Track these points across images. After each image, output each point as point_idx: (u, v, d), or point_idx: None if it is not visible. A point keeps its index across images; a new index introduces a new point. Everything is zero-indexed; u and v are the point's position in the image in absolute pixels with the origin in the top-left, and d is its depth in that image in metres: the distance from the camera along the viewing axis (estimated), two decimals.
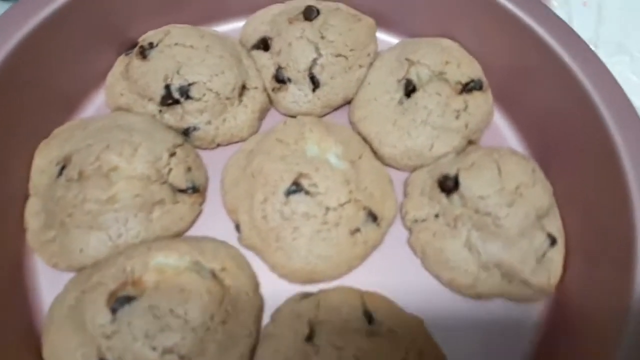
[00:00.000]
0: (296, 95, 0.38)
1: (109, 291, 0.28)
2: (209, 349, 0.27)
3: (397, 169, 0.37)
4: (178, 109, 0.36)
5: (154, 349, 0.26)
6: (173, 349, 0.27)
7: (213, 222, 0.34)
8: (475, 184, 0.32)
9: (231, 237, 0.33)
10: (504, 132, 0.39)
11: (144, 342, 0.26)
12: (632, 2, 0.50)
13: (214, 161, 0.36)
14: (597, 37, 0.47)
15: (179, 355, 0.27)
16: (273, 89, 0.38)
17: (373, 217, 0.33)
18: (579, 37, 0.36)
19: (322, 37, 0.38)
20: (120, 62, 0.38)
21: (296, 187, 0.32)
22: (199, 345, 0.27)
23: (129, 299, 0.28)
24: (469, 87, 0.37)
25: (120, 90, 0.37)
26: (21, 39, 0.33)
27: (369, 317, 0.30)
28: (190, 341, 0.27)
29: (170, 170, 0.33)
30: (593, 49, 0.45)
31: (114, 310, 0.27)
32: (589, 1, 0.49)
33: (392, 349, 0.27)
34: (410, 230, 0.34)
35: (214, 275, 0.30)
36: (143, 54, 0.37)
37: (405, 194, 0.35)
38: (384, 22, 0.42)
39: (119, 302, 0.28)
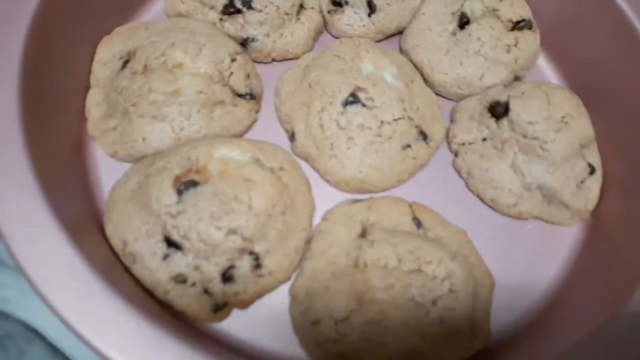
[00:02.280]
0: (352, 18, 0.39)
1: (174, 175, 0.29)
2: (269, 235, 0.29)
3: (445, 97, 0.38)
4: (239, 18, 0.36)
5: (219, 228, 0.28)
6: (237, 230, 0.28)
7: (266, 131, 0.35)
8: (525, 110, 0.33)
9: (284, 147, 0.34)
10: (547, 74, 0.40)
11: (209, 222, 0.28)
12: None
13: (267, 76, 0.37)
14: None
15: (242, 236, 0.28)
16: (329, 11, 0.39)
17: (424, 135, 0.34)
18: None
19: None
20: None
21: (353, 99, 0.33)
22: (261, 230, 0.28)
23: (194, 183, 0.29)
24: (520, 26, 0.38)
25: None
26: None
27: (417, 223, 0.31)
28: (254, 225, 0.28)
29: (231, 74, 0.34)
30: None
31: (179, 192, 0.28)
32: None
33: (442, 250, 0.29)
34: (456, 153, 0.35)
35: (273, 172, 0.31)
36: None
37: (453, 120, 0.37)
38: None
39: (184, 185, 0.29)
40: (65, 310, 0.22)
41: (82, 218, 0.29)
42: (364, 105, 0.33)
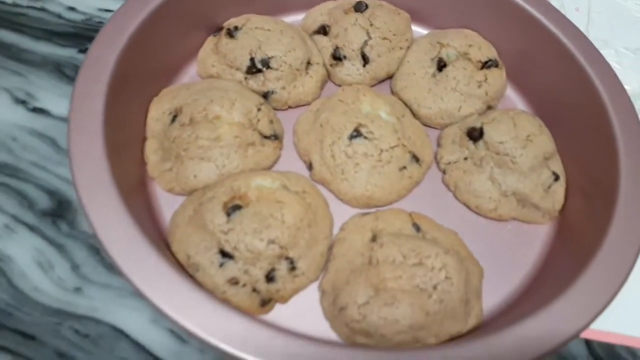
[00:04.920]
0: (350, 69, 0.48)
1: (223, 202, 0.37)
2: (300, 243, 0.36)
3: (431, 127, 0.46)
4: (260, 76, 0.45)
5: (261, 240, 0.35)
6: (275, 240, 0.35)
7: (289, 164, 0.43)
8: (496, 133, 0.42)
9: (304, 174, 0.42)
10: (515, 101, 0.49)
11: (253, 235, 0.35)
12: (615, 7, 0.60)
13: (286, 120, 0.45)
14: (588, 35, 0.57)
15: (279, 245, 0.35)
16: (331, 65, 0.48)
17: (416, 158, 0.42)
18: (575, 26, 0.45)
19: (371, 24, 0.48)
20: (210, 41, 0.48)
21: (357, 133, 0.41)
22: (293, 239, 0.36)
23: (238, 207, 0.37)
24: (488, 65, 0.47)
25: (212, 63, 0.46)
26: (138, 25, 0.42)
27: (417, 228, 0.39)
28: (287, 236, 0.36)
29: (258, 120, 0.42)
30: None
31: (228, 214, 0.36)
32: (580, 7, 0.60)
33: (438, 247, 0.36)
34: (444, 171, 0.43)
35: (297, 195, 0.39)
36: (230, 34, 0.46)
37: (439, 145, 0.45)
38: (417, 17, 0.52)
39: (231, 208, 0.36)
40: (160, 302, 0.30)
41: (154, 239, 0.36)
42: (365, 137, 0.41)
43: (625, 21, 0.60)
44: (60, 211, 0.41)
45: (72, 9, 0.54)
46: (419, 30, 0.53)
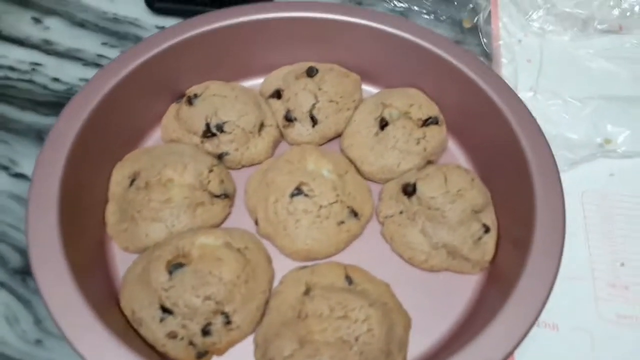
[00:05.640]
0: (301, 130, 0.51)
1: (167, 260, 0.40)
2: (235, 298, 0.39)
3: (375, 182, 0.49)
4: (215, 140, 0.49)
5: (198, 296, 0.38)
6: (211, 296, 0.38)
7: (238, 220, 0.47)
8: (428, 188, 0.44)
9: (251, 230, 0.46)
10: (456, 155, 0.52)
11: (191, 292, 0.38)
12: (567, 57, 0.63)
13: (240, 178, 0.49)
14: (538, 86, 0.59)
15: (215, 301, 0.38)
16: (283, 126, 0.52)
17: (355, 213, 0.45)
18: (503, 81, 0.48)
19: (320, 89, 0.52)
20: (172, 108, 0.52)
21: (298, 191, 0.45)
22: (229, 295, 0.39)
23: (181, 265, 0.40)
24: (427, 122, 0.50)
25: (173, 128, 0.51)
26: (104, 96, 0.46)
27: (349, 281, 0.41)
28: (223, 292, 0.39)
29: (209, 181, 0.46)
30: (533, 94, 0.59)
31: (170, 272, 0.40)
32: (532, 59, 0.63)
33: (363, 299, 0.39)
34: (382, 224, 0.46)
35: (239, 251, 0.42)
36: (190, 101, 0.51)
37: (380, 199, 0.48)
38: (368, 77, 0.56)
39: (174, 267, 0.40)
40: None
41: (103, 299, 0.40)
42: (306, 195, 0.45)
43: (577, 70, 0.62)
44: (29, 269, 0.45)
45: (56, 79, 0.59)
46: (370, 89, 0.56)
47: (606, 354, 0.41)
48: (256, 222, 0.46)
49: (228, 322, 0.39)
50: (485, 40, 0.63)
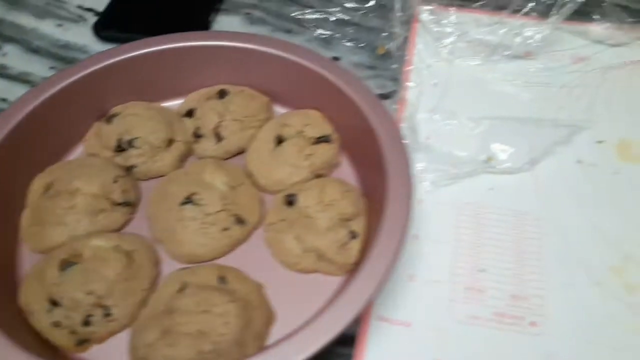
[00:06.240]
0: (207, 145, 0.57)
1: (61, 259, 0.45)
2: (115, 293, 0.44)
3: (271, 193, 0.54)
4: (125, 154, 0.55)
5: (81, 291, 0.43)
6: (92, 292, 0.43)
7: (140, 226, 0.52)
8: (305, 198, 0.49)
9: (148, 234, 0.51)
10: (346, 170, 0.56)
11: (75, 287, 0.43)
12: (474, 82, 0.68)
13: (148, 187, 0.55)
14: (438, 107, 0.64)
15: (97, 295, 0.43)
16: (193, 142, 0.57)
17: (240, 221, 0.50)
18: (382, 105, 0.53)
19: (226, 109, 0.57)
20: (95, 126, 0.58)
21: (187, 200, 0.50)
22: (109, 291, 0.44)
23: (72, 264, 0.45)
24: (319, 140, 0.55)
25: (93, 144, 0.57)
26: (32, 109, 0.53)
27: (222, 280, 0.46)
28: (104, 288, 0.44)
29: (113, 190, 0.51)
30: (430, 115, 0.63)
31: (62, 269, 0.45)
32: (438, 82, 0.67)
33: (228, 296, 0.43)
34: (265, 231, 0.51)
35: (127, 253, 0.47)
36: (109, 120, 0.57)
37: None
38: (279, 99, 0.61)
39: (65, 265, 0.45)
40: None
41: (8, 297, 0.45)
42: (195, 204, 0.50)
43: (481, 93, 0.67)
44: None
45: (4, 99, 0.66)
46: (281, 110, 0.62)
47: (453, 349, 0.44)
48: (151, 228, 0.51)
49: (108, 315, 0.44)
50: (395, 65, 0.68)
